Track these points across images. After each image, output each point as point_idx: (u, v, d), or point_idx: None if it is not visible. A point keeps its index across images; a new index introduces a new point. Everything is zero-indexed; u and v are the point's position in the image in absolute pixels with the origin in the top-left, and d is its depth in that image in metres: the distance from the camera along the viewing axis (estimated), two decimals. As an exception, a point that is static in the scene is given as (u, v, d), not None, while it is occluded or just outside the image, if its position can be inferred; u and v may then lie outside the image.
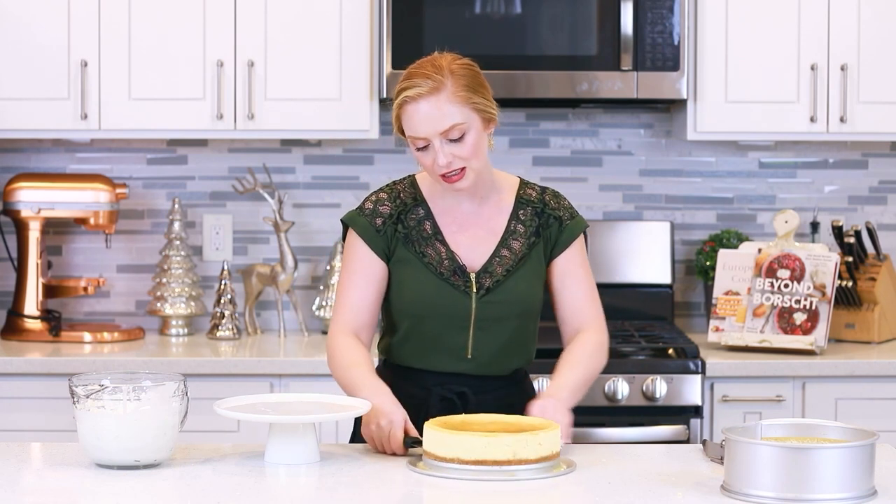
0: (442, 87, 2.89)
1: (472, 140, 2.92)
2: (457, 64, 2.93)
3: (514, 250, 3.03)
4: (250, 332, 4.63)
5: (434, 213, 3.05)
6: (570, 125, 4.76)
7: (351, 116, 4.38)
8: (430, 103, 2.89)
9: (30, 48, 4.35)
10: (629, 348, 4.19)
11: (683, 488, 2.57)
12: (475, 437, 2.66)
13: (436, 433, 2.69)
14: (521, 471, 2.65)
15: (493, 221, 3.05)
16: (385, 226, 3.02)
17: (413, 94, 2.89)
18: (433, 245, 3.02)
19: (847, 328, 4.48)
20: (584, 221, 3.11)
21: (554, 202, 3.10)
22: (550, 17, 4.32)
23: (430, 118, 2.89)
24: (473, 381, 3.02)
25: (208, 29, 4.37)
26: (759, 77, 4.39)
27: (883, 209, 4.77)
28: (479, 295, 3.00)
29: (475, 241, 3.03)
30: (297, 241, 4.72)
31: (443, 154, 2.89)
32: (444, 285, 3.00)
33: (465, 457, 2.65)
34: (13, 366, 4.15)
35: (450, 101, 2.89)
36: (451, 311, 2.99)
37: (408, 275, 3.02)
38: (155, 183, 4.74)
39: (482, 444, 2.65)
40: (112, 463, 2.68)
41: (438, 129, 2.89)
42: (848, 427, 2.56)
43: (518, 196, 3.08)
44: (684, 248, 4.78)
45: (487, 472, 2.64)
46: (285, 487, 2.64)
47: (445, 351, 3.01)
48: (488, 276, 3.01)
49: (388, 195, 3.06)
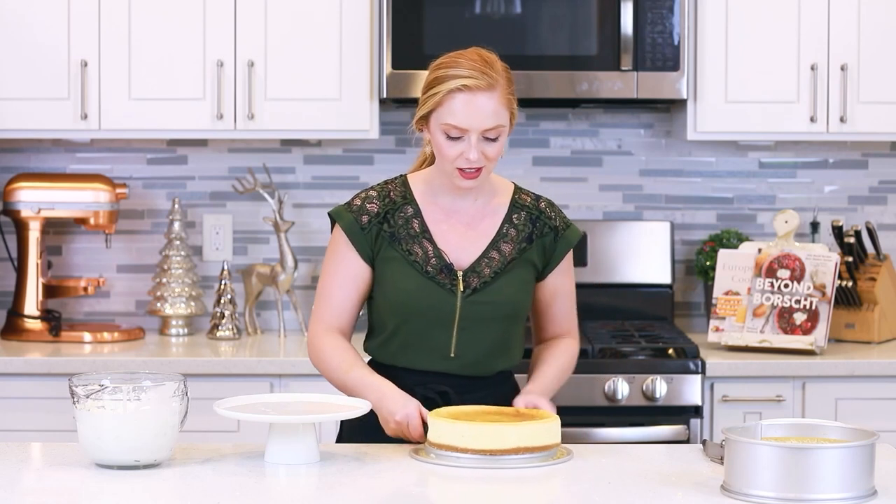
0: (497, 85, 2.91)
1: (502, 143, 2.95)
2: (502, 66, 2.96)
3: (503, 253, 3.03)
4: (250, 332, 4.63)
5: (423, 211, 3.04)
6: (570, 125, 4.76)
7: (351, 116, 4.39)
8: (487, 98, 2.89)
9: (30, 48, 4.35)
10: (629, 348, 4.19)
11: (683, 488, 2.57)
12: (483, 426, 2.71)
13: (443, 423, 2.73)
14: (527, 459, 2.71)
15: (485, 223, 3.05)
16: (370, 224, 3.03)
17: (472, 84, 2.89)
18: (420, 243, 3.02)
19: (847, 328, 4.48)
20: (578, 231, 3.12)
21: (549, 210, 3.10)
22: (550, 17, 4.32)
23: (481, 113, 2.89)
24: (457, 381, 3.01)
25: (208, 29, 4.37)
26: (758, 77, 4.39)
27: (883, 209, 4.77)
28: (464, 294, 2.99)
29: (465, 241, 3.03)
30: (297, 241, 4.72)
31: (476, 150, 2.90)
32: (428, 283, 2.99)
33: (473, 445, 2.69)
34: (13, 366, 4.15)
35: (500, 101, 2.91)
36: (435, 310, 2.99)
37: (393, 273, 3.02)
38: (155, 183, 4.74)
39: (490, 431, 2.69)
40: (112, 463, 2.68)
41: (486, 125, 2.90)
42: (848, 427, 2.56)
43: (513, 200, 3.08)
44: (684, 248, 4.78)
45: (494, 461, 2.69)
46: (285, 487, 2.64)
47: (429, 350, 3.01)
48: (476, 276, 3.01)
49: (377, 193, 3.06)
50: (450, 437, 2.73)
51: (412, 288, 3.00)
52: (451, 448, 2.72)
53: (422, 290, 2.99)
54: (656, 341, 4.28)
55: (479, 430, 2.71)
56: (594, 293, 4.62)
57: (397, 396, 2.89)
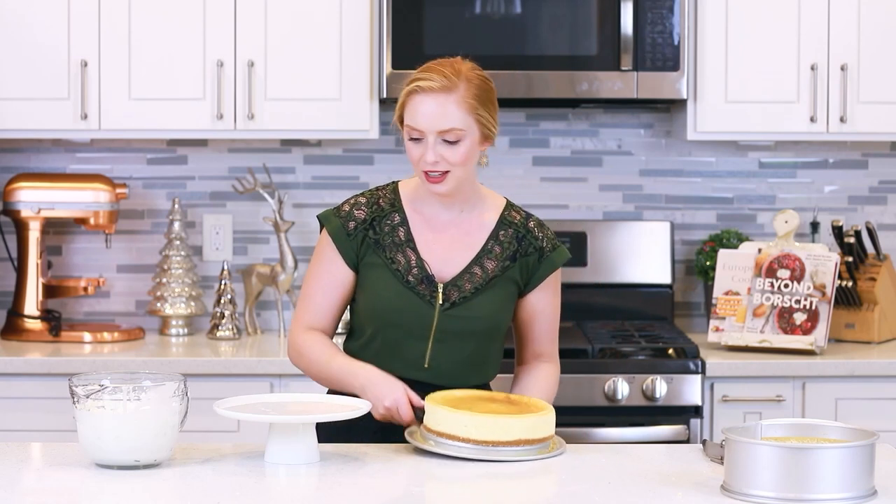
0: (454, 88, 2.92)
1: (465, 149, 2.94)
2: (475, 73, 2.97)
3: (486, 269, 3.03)
4: (250, 332, 4.63)
5: (410, 220, 3.05)
6: (570, 125, 4.76)
7: (351, 116, 4.39)
8: (438, 100, 2.91)
9: (30, 48, 4.35)
10: (629, 348, 4.19)
11: (683, 488, 2.57)
12: (486, 417, 2.73)
13: (444, 410, 2.75)
14: (525, 450, 2.74)
15: (471, 237, 3.05)
16: (356, 230, 3.03)
17: (425, 85, 2.92)
18: (404, 252, 3.02)
19: (847, 328, 4.48)
20: (565, 253, 3.10)
21: (538, 230, 3.08)
22: (550, 17, 4.32)
23: (433, 114, 2.91)
24: (430, 390, 2.97)
25: (208, 29, 4.37)
26: (758, 77, 4.39)
27: (883, 209, 4.77)
28: (443, 307, 2.99)
29: (449, 253, 3.03)
30: (297, 241, 4.72)
31: (433, 152, 2.92)
32: (407, 293, 2.99)
33: (475, 436, 2.72)
34: (13, 366, 4.15)
35: (457, 104, 2.92)
36: (412, 319, 2.99)
37: (374, 279, 3.02)
38: (155, 183, 4.74)
39: (493, 423, 2.72)
40: (112, 463, 2.68)
41: (438, 127, 2.91)
42: (848, 427, 2.56)
43: (502, 216, 3.07)
44: (684, 248, 4.78)
45: (493, 452, 2.72)
46: (285, 487, 2.64)
47: (403, 359, 3.01)
48: (456, 289, 3.01)
49: (366, 200, 3.07)
50: (451, 426, 2.75)
51: (391, 296, 3.00)
52: (451, 437, 2.74)
53: (400, 298, 3.00)
54: (656, 341, 4.28)
55: (482, 420, 2.73)
56: (594, 293, 4.62)
57: (383, 381, 2.91)
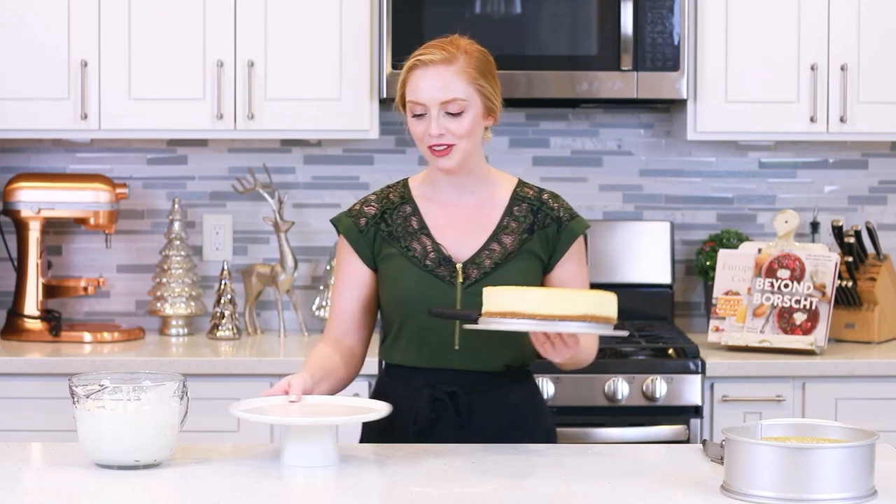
0: (454, 59, 2.94)
1: (469, 120, 2.95)
2: (474, 47, 3.00)
3: (504, 245, 3.03)
4: (250, 332, 4.63)
5: (421, 208, 3.06)
6: (570, 125, 4.76)
7: (351, 116, 4.39)
8: (439, 72, 2.94)
9: (30, 48, 4.35)
10: (629, 348, 4.19)
11: (683, 488, 2.57)
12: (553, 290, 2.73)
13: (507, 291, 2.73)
14: (590, 326, 2.73)
15: (484, 216, 3.05)
16: (368, 226, 3.05)
17: (425, 59, 2.94)
18: (419, 239, 3.03)
19: (847, 328, 4.48)
20: (584, 222, 3.09)
21: (553, 202, 3.08)
22: (550, 17, 4.32)
23: (435, 86, 2.93)
24: (464, 378, 2.99)
25: (208, 29, 4.37)
26: (758, 77, 4.39)
27: (883, 209, 4.77)
28: (464, 285, 2.99)
29: (465, 235, 3.03)
30: (297, 241, 4.72)
31: (437, 124, 2.93)
32: (427, 276, 3.00)
33: (541, 311, 2.69)
34: (13, 366, 4.15)
35: (457, 75, 2.94)
36: (435, 302, 2.97)
37: (393, 269, 3.03)
38: (155, 183, 4.74)
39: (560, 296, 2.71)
40: (112, 463, 2.68)
41: (440, 98, 2.93)
42: (848, 427, 2.56)
43: (514, 192, 3.08)
44: (684, 248, 4.78)
45: (562, 325, 2.70)
46: (285, 488, 2.64)
47: (433, 345, 3.00)
48: (475, 267, 3.00)
49: (376, 197, 3.10)
50: (516, 304, 2.70)
51: (412, 282, 3.00)
52: (516, 314, 2.69)
53: (421, 283, 3.00)
54: (656, 341, 4.28)
55: (548, 294, 2.70)
56: (594, 293, 4.62)
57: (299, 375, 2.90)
